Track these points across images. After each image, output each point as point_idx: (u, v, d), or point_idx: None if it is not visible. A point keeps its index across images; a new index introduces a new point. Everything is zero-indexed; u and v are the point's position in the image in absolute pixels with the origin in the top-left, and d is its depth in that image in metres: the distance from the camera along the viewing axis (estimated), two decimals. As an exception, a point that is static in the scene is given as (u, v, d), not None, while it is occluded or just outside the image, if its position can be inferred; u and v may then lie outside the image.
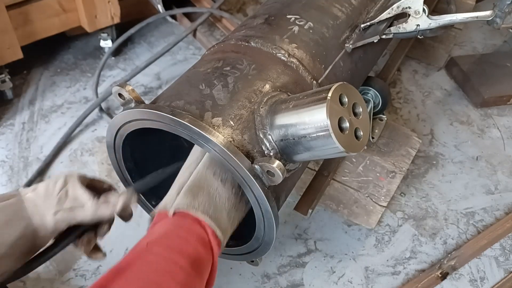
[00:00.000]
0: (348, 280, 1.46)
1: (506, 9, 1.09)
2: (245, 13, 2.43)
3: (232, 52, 1.09)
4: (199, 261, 0.81)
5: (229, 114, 0.92)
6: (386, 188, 1.50)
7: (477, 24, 2.45)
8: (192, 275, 0.79)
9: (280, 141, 0.91)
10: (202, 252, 0.83)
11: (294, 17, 1.18)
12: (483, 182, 1.77)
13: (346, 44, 1.21)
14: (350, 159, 1.54)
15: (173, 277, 0.76)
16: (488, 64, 2.17)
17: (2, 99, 1.91)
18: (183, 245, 0.81)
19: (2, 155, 1.73)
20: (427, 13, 1.15)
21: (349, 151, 0.84)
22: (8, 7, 1.69)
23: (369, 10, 1.32)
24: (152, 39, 2.26)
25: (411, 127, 1.93)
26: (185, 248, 0.81)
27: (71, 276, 1.42)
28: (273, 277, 1.45)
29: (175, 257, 0.79)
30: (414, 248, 1.56)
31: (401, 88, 2.13)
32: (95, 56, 2.16)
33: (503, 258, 1.55)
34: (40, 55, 2.11)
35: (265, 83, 1.00)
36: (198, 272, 0.81)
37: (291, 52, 1.09)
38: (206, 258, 0.84)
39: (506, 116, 2.05)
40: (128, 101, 0.95)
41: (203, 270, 0.83)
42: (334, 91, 0.83)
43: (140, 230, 1.53)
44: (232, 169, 0.88)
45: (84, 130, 1.83)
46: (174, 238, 0.83)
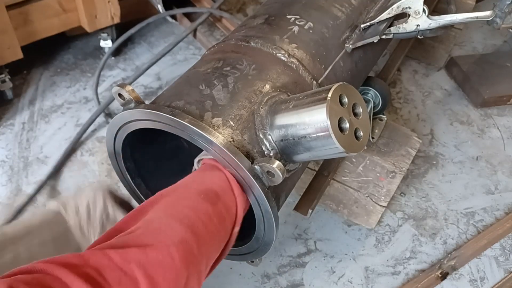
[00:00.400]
0: (348, 280, 1.46)
1: (506, 9, 1.09)
2: (245, 13, 2.43)
3: (232, 52, 1.08)
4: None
5: (229, 114, 0.92)
6: (386, 188, 1.50)
7: (477, 24, 2.45)
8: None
9: (280, 141, 0.91)
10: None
11: (294, 17, 1.18)
12: (483, 182, 1.78)
13: (346, 44, 1.21)
14: (350, 159, 1.54)
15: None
16: (488, 64, 2.17)
17: (2, 99, 1.91)
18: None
19: (2, 155, 1.73)
20: (427, 13, 1.15)
21: (349, 151, 0.84)
22: (8, 7, 1.69)
23: (369, 10, 1.32)
24: (152, 39, 2.26)
25: (411, 127, 1.93)
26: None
27: (71, 276, 1.42)
28: (273, 277, 1.45)
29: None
30: (414, 248, 1.56)
31: (401, 88, 2.13)
32: (95, 56, 2.16)
33: (503, 258, 1.55)
34: (40, 55, 2.11)
35: (265, 83, 1.00)
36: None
37: (291, 52, 1.09)
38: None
39: (506, 116, 2.05)
40: (128, 101, 0.95)
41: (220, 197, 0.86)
42: (334, 91, 0.83)
43: (140, 230, 1.53)
44: (232, 169, 0.88)
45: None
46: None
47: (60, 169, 1.70)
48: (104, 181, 0.94)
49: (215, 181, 0.87)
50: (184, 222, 0.74)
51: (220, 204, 0.83)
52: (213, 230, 0.79)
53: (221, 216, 0.82)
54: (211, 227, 0.78)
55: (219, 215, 0.81)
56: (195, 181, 0.87)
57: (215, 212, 0.80)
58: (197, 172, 0.94)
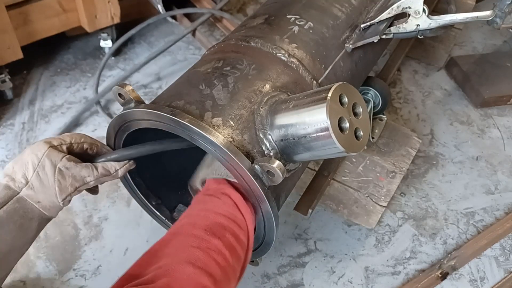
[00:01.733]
0: (348, 280, 1.46)
1: (506, 9, 1.09)
2: (245, 13, 2.43)
3: (232, 52, 1.09)
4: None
5: (229, 114, 0.92)
6: (386, 188, 1.50)
7: (477, 24, 2.45)
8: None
9: (280, 141, 0.91)
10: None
11: (294, 17, 1.18)
12: (483, 182, 1.78)
13: (346, 44, 1.21)
14: (350, 159, 1.54)
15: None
16: (488, 64, 2.17)
17: (2, 99, 1.91)
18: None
19: (2, 155, 1.73)
20: (427, 13, 1.15)
21: (349, 151, 0.84)
22: (8, 7, 1.69)
23: (369, 10, 1.32)
24: (152, 39, 2.26)
25: (411, 127, 1.93)
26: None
27: (71, 276, 1.42)
28: (273, 277, 1.45)
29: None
30: (414, 248, 1.56)
31: (401, 88, 2.13)
32: (95, 56, 2.17)
33: (503, 258, 1.55)
34: (40, 55, 2.11)
35: (265, 83, 1.00)
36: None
37: (291, 52, 1.09)
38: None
39: (506, 116, 2.05)
40: (128, 101, 0.95)
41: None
42: (334, 91, 0.83)
43: (140, 230, 1.53)
44: (232, 169, 0.88)
45: (84, 130, 1.83)
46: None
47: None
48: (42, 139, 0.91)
49: (220, 210, 0.89)
50: (197, 266, 0.76)
51: (228, 234, 0.84)
52: (226, 264, 0.80)
53: (231, 247, 0.83)
54: (224, 262, 0.80)
55: (229, 247, 0.83)
56: (200, 216, 0.88)
57: (225, 245, 0.82)
58: (200, 201, 0.95)
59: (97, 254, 1.47)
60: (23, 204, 0.85)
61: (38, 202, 0.86)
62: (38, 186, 0.85)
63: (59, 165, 0.87)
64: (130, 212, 1.57)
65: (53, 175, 0.86)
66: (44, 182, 0.86)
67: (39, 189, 0.86)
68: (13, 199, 0.84)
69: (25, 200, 0.85)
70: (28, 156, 0.86)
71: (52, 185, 0.86)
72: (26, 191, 0.85)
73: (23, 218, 0.84)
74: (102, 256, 1.47)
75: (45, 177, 0.86)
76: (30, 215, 0.85)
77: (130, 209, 1.58)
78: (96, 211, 1.57)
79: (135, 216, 1.56)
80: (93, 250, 1.48)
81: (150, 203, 1.22)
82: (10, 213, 0.83)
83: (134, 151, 0.98)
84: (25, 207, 0.85)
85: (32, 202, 0.85)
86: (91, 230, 1.52)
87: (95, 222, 1.54)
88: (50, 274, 1.42)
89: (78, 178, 0.90)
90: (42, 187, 0.86)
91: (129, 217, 1.56)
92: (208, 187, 0.98)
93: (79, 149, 0.94)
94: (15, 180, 0.85)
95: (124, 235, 1.52)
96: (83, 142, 0.94)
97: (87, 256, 1.46)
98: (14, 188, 0.84)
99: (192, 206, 0.95)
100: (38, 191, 0.86)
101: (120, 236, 1.52)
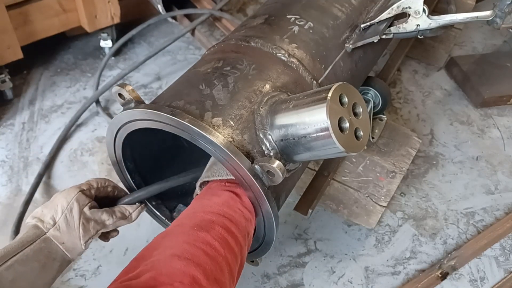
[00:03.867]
0: (348, 280, 1.46)
1: (506, 9, 1.09)
2: (245, 13, 2.43)
3: (232, 52, 1.08)
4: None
5: (229, 114, 0.92)
6: (386, 188, 1.50)
7: (477, 24, 2.45)
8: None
9: (280, 141, 0.91)
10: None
11: (294, 17, 1.18)
12: (483, 182, 1.78)
13: (346, 44, 1.21)
14: (350, 159, 1.54)
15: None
16: (488, 64, 2.17)
17: (2, 99, 1.91)
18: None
19: (2, 155, 1.73)
20: (427, 13, 1.15)
21: (349, 151, 0.84)
22: (8, 7, 1.69)
23: (369, 10, 1.32)
24: (152, 39, 2.26)
25: (411, 127, 1.93)
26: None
27: (71, 276, 1.42)
28: (273, 277, 1.45)
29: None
30: (414, 248, 1.56)
31: (401, 88, 2.13)
32: (95, 56, 2.17)
33: (503, 258, 1.55)
34: (40, 55, 2.11)
35: (265, 83, 1.00)
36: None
37: (291, 52, 1.09)
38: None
39: (506, 116, 2.05)
40: (128, 101, 0.95)
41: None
42: (334, 91, 0.83)
43: (140, 230, 1.53)
44: (232, 169, 0.88)
45: (84, 130, 1.83)
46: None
47: (54, 157, 1.72)
48: (74, 184, 0.99)
49: (210, 208, 0.87)
50: (183, 256, 0.74)
51: (217, 227, 0.82)
52: (216, 254, 0.78)
53: (221, 238, 0.80)
54: (214, 252, 0.77)
55: (220, 238, 0.80)
56: (188, 216, 0.88)
57: (214, 237, 0.80)
58: (194, 201, 0.95)
59: (97, 254, 1.47)
60: (48, 244, 0.89)
61: (62, 243, 0.91)
62: (64, 228, 0.91)
63: (85, 209, 0.94)
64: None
65: (78, 218, 0.93)
66: (70, 224, 0.92)
67: (65, 231, 0.91)
68: (40, 239, 0.88)
69: (50, 241, 0.90)
70: (58, 200, 0.93)
71: (77, 227, 0.92)
72: (53, 232, 0.90)
73: (47, 258, 0.89)
74: (102, 256, 1.47)
75: (71, 219, 0.92)
76: (54, 255, 0.90)
77: (130, 209, 1.58)
78: (96, 211, 1.57)
79: (135, 216, 1.56)
80: (93, 250, 1.48)
81: (150, 203, 1.22)
82: (36, 252, 0.87)
83: (144, 192, 1.08)
84: (50, 247, 0.90)
85: (57, 243, 0.90)
86: (91, 230, 1.52)
87: (95, 222, 1.54)
88: (50, 274, 1.42)
89: (99, 222, 0.97)
90: (67, 228, 0.91)
91: (129, 217, 1.55)
92: (210, 185, 0.98)
93: (104, 193, 1.03)
94: (43, 222, 0.90)
95: (124, 235, 1.51)
96: (107, 185, 1.03)
97: (87, 256, 1.46)
98: (42, 228, 0.90)
99: (186, 208, 0.95)
100: (64, 232, 0.91)
101: (120, 236, 1.51)
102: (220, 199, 0.90)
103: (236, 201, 0.90)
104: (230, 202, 0.90)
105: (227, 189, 0.93)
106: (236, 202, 0.90)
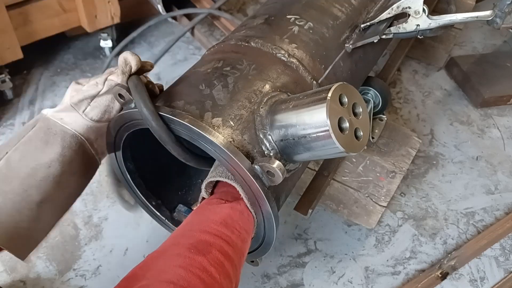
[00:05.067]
0: (348, 280, 1.46)
1: (506, 9, 1.09)
2: (245, 13, 2.43)
3: (232, 52, 1.08)
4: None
5: (229, 114, 0.92)
6: (386, 188, 1.50)
7: (477, 24, 2.45)
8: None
9: (280, 141, 0.91)
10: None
11: (294, 17, 1.18)
12: (483, 182, 1.78)
13: (346, 44, 1.21)
14: (350, 159, 1.54)
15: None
16: (488, 64, 2.17)
17: (2, 99, 1.91)
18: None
19: (2, 155, 1.73)
20: (427, 13, 1.15)
21: (349, 151, 0.84)
22: (8, 7, 1.69)
23: (369, 10, 1.32)
24: (152, 39, 2.26)
25: (411, 127, 1.93)
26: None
27: (71, 276, 1.42)
28: (273, 277, 1.45)
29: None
30: (414, 248, 1.56)
31: (401, 88, 2.13)
32: (95, 56, 2.17)
33: (503, 258, 1.55)
34: (40, 55, 2.11)
35: (265, 83, 1.00)
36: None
37: (291, 52, 1.09)
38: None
39: (506, 116, 2.05)
40: (128, 102, 0.95)
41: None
42: (334, 91, 0.83)
43: (140, 230, 1.53)
44: (232, 169, 0.88)
45: (84, 130, 1.83)
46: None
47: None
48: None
49: (207, 227, 0.85)
50: (179, 284, 0.70)
51: (214, 251, 0.79)
52: (212, 281, 0.75)
53: (218, 263, 0.78)
54: (210, 279, 0.74)
55: (216, 263, 0.78)
56: (184, 235, 0.85)
57: (211, 262, 0.77)
58: (193, 214, 0.94)
59: (97, 254, 1.47)
60: (47, 122, 0.93)
61: (61, 119, 0.94)
62: (60, 106, 0.95)
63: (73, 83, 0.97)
64: (130, 212, 1.57)
65: (69, 93, 0.96)
66: (63, 101, 0.95)
67: (61, 108, 0.95)
68: (40, 120, 0.94)
69: (49, 119, 0.93)
70: None
71: (67, 100, 0.95)
72: (51, 112, 0.95)
73: (47, 134, 0.92)
74: (102, 256, 1.47)
75: (66, 97, 0.96)
76: (53, 130, 0.93)
77: (130, 209, 1.58)
78: (96, 211, 1.57)
79: (135, 216, 1.56)
80: (93, 250, 1.48)
81: (150, 203, 1.22)
82: (36, 131, 0.92)
83: None
84: (48, 124, 0.93)
85: (55, 119, 0.93)
86: (91, 230, 1.52)
87: (95, 222, 1.54)
88: (50, 274, 1.42)
89: (89, 92, 0.96)
90: (61, 105, 0.95)
91: (129, 217, 1.55)
92: (209, 200, 0.96)
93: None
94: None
95: (124, 235, 1.52)
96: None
97: (87, 256, 1.46)
98: (44, 113, 0.95)
99: (182, 223, 0.92)
100: (60, 110, 0.95)
101: (120, 236, 1.52)
102: (218, 217, 0.87)
103: (233, 220, 0.87)
104: (228, 221, 0.86)
105: (227, 205, 0.91)
106: (234, 221, 0.87)
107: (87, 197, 1.59)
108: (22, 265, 1.42)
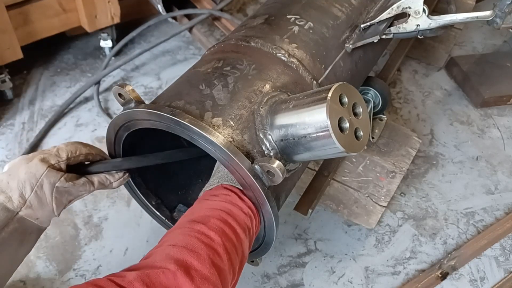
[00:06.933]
0: (348, 280, 1.46)
1: (506, 9, 1.09)
2: (245, 13, 2.43)
3: (232, 52, 1.09)
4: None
5: (229, 114, 0.92)
6: (386, 188, 1.50)
7: (477, 24, 2.45)
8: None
9: (280, 141, 0.91)
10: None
11: (294, 17, 1.18)
12: (483, 182, 1.78)
13: (346, 44, 1.21)
14: (350, 159, 1.54)
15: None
16: (488, 64, 2.17)
17: (2, 99, 1.91)
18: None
19: (2, 155, 1.73)
20: (427, 13, 1.15)
21: (349, 151, 0.84)
22: (8, 7, 1.69)
23: (369, 10, 1.32)
24: (152, 39, 2.26)
25: (411, 127, 1.93)
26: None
27: (71, 276, 1.42)
28: (273, 277, 1.45)
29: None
30: (414, 248, 1.56)
31: (401, 88, 2.13)
32: (95, 56, 2.16)
33: (503, 258, 1.55)
34: (40, 55, 2.11)
35: (265, 83, 1.00)
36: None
37: (291, 52, 1.09)
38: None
39: (506, 116, 2.05)
40: (128, 101, 0.95)
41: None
42: (334, 91, 0.83)
43: (140, 230, 1.53)
44: (232, 169, 0.88)
45: (84, 130, 1.83)
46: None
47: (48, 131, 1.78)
48: (34, 155, 0.91)
49: (208, 206, 0.89)
50: (178, 245, 0.76)
51: (213, 219, 0.83)
52: (211, 242, 0.79)
53: (218, 229, 0.82)
54: (209, 240, 0.79)
55: (216, 229, 0.82)
56: (185, 216, 0.89)
57: (210, 228, 0.81)
58: (191, 206, 0.95)
59: (97, 254, 1.47)
60: (22, 223, 0.87)
61: (36, 219, 0.88)
62: (37, 205, 0.87)
63: (58, 184, 0.89)
64: (130, 212, 1.57)
65: (50, 194, 0.88)
66: (42, 201, 0.88)
67: (37, 207, 0.88)
68: (13, 220, 0.85)
69: (24, 219, 0.87)
70: (25, 175, 0.86)
71: (50, 202, 0.89)
72: (25, 211, 0.86)
73: (24, 234, 0.88)
74: (102, 256, 1.47)
75: (43, 195, 0.88)
76: (30, 230, 0.89)
77: (130, 209, 1.58)
78: (96, 211, 1.57)
79: (135, 216, 1.56)
80: (93, 250, 1.48)
81: (150, 203, 1.22)
82: (11, 233, 0.85)
83: (121, 162, 1.02)
84: (24, 225, 0.87)
85: (31, 220, 0.88)
86: (91, 230, 1.52)
87: (95, 222, 1.54)
88: (50, 274, 1.42)
89: (75, 194, 0.94)
90: (40, 205, 0.88)
91: (129, 217, 1.56)
92: (216, 187, 0.97)
93: (75, 162, 0.95)
94: (12, 201, 0.85)
95: (124, 235, 1.52)
96: (78, 155, 0.95)
97: (87, 256, 1.46)
98: (12, 209, 0.85)
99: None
100: (36, 208, 0.87)
101: (120, 236, 1.52)
102: (218, 197, 0.91)
103: (235, 198, 0.90)
104: (228, 198, 0.90)
105: (227, 188, 0.93)
106: (235, 198, 0.90)
107: (87, 197, 1.59)
108: (22, 265, 1.42)
